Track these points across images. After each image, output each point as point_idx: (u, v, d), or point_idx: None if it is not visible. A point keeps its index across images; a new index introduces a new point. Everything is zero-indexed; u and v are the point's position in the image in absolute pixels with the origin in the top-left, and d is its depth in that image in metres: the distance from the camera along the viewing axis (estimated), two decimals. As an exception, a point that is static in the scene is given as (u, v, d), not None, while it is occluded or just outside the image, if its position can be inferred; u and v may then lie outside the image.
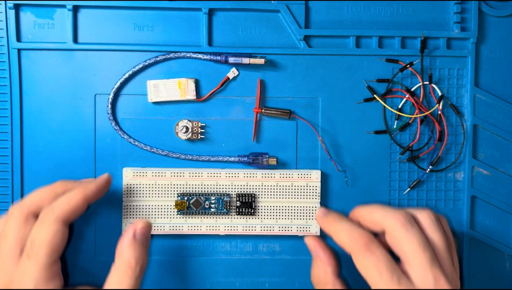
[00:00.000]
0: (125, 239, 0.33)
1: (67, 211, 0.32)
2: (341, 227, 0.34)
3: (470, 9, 0.39)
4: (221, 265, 0.39)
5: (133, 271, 0.32)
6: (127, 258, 0.32)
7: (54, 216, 0.32)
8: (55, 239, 0.31)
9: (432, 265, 0.31)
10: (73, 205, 0.33)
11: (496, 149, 0.40)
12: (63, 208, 0.32)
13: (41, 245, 0.31)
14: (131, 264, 0.32)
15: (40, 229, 0.32)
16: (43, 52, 0.37)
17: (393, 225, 0.32)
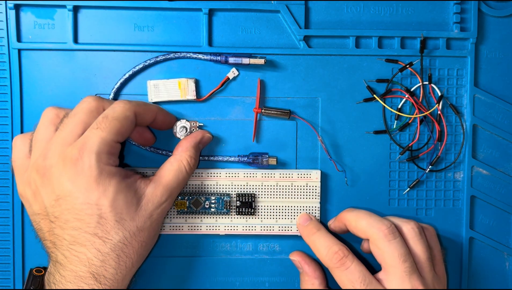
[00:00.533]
0: (192, 140, 0.36)
1: (137, 107, 0.34)
2: (319, 242, 0.35)
3: (470, 9, 0.39)
4: (221, 265, 0.39)
5: (189, 168, 0.35)
6: (187, 155, 0.35)
7: (128, 105, 0.33)
8: (126, 121, 0.32)
9: (411, 275, 0.33)
10: (142, 106, 0.34)
11: (496, 149, 0.40)
12: (135, 103, 0.34)
13: (114, 119, 0.32)
14: (189, 161, 0.35)
15: (116, 107, 0.33)
16: (44, 52, 0.37)
17: (377, 235, 0.34)
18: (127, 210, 0.31)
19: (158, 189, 0.33)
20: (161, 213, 0.33)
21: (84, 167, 0.30)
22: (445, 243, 0.40)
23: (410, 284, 0.32)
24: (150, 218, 0.33)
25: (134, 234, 0.32)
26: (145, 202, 0.32)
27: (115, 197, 0.31)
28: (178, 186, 0.34)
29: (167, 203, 0.34)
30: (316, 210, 0.38)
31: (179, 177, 0.34)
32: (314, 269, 0.37)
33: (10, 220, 0.38)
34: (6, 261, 0.38)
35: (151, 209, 0.33)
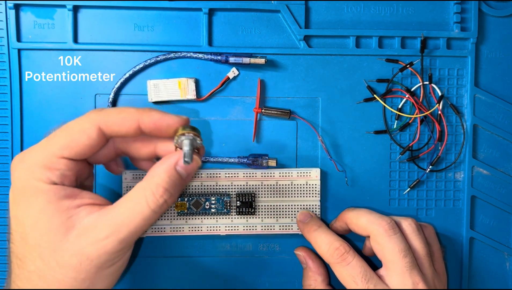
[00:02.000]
0: (169, 164, 0.27)
1: (105, 116, 0.27)
2: (320, 239, 0.35)
3: (470, 9, 0.39)
4: (221, 265, 0.39)
5: (156, 205, 0.26)
6: (156, 187, 0.26)
7: (91, 115, 0.28)
8: (79, 134, 0.27)
9: (411, 270, 0.33)
10: (112, 114, 0.27)
11: (496, 149, 0.40)
12: (104, 112, 0.28)
13: (64, 130, 0.27)
14: (156, 196, 0.26)
15: (79, 118, 0.28)
16: (43, 52, 0.37)
17: (377, 231, 0.34)
18: (49, 238, 0.25)
19: (100, 222, 0.26)
20: (103, 256, 0.26)
21: (14, 178, 0.27)
22: (446, 243, 0.40)
23: (410, 279, 0.33)
24: (80, 255, 0.25)
25: (52, 269, 0.25)
26: (76, 234, 0.26)
27: (37, 218, 0.26)
28: (135, 227, 0.26)
29: (113, 245, 0.26)
30: (316, 208, 0.38)
31: (137, 216, 0.26)
32: (318, 266, 0.37)
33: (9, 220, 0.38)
34: (5, 261, 0.38)
35: (83, 245, 0.25)
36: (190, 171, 0.28)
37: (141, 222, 0.26)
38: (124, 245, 0.26)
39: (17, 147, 0.37)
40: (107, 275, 0.27)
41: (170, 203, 0.27)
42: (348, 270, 0.33)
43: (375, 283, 0.33)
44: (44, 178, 0.26)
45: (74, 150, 0.27)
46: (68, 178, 0.27)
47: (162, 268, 0.39)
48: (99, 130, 0.27)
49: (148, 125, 0.28)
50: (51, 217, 0.25)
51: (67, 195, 0.26)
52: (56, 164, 0.26)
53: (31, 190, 0.26)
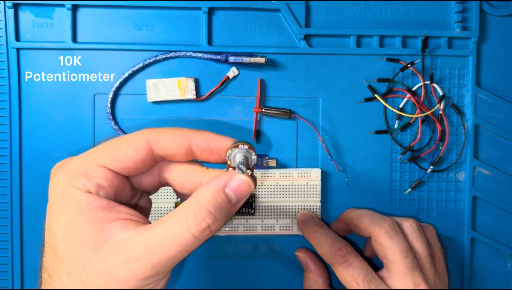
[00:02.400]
0: (216, 184, 0.24)
1: (157, 132, 0.25)
2: (321, 239, 0.35)
3: (471, 9, 0.39)
4: (221, 266, 0.39)
5: (198, 231, 0.23)
6: (200, 211, 0.23)
7: (144, 130, 0.25)
8: (126, 145, 0.25)
9: (413, 271, 0.33)
10: (164, 132, 0.25)
11: (498, 149, 0.39)
12: (157, 129, 0.25)
13: (112, 140, 0.25)
14: (199, 221, 0.23)
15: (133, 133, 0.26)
16: (42, 51, 0.37)
17: (378, 232, 0.34)
18: (79, 251, 0.23)
19: (133, 241, 0.23)
20: (132, 280, 0.22)
21: (51, 184, 0.25)
22: (447, 244, 0.39)
23: (412, 280, 0.33)
24: (108, 276, 0.22)
25: (77, 287, 0.23)
26: (106, 251, 0.22)
27: (68, 228, 0.23)
28: (171, 251, 0.22)
29: (144, 270, 0.22)
30: (317, 209, 0.38)
31: (174, 239, 0.22)
32: (319, 267, 0.37)
33: (9, 221, 0.37)
34: (5, 261, 0.38)
35: (112, 264, 0.22)
36: (241, 194, 0.24)
37: (178, 246, 0.22)
38: (157, 271, 0.23)
39: (15, 148, 0.37)
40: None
41: (214, 230, 0.23)
42: (350, 271, 0.33)
43: (377, 284, 0.33)
44: (80, 185, 0.24)
45: (117, 161, 0.24)
46: (105, 190, 0.24)
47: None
48: (148, 144, 0.25)
49: (200, 144, 0.25)
50: (82, 228, 0.23)
51: (102, 206, 0.24)
52: (94, 172, 0.24)
53: (65, 198, 0.24)
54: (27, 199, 0.37)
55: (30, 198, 0.37)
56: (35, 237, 0.38)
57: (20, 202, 0.37)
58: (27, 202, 0.37)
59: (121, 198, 0.26)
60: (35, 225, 0.38)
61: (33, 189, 0.37)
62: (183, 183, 0.26)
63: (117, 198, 0.25)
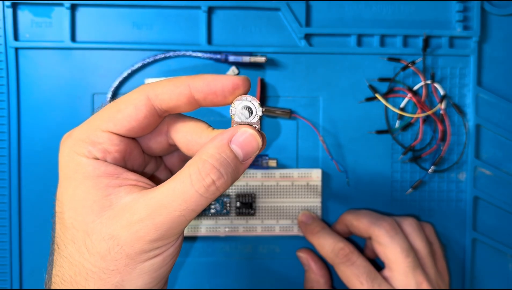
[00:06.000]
0: (221, 139, 0.23)
1: (154, 86, 0.24)
2: (323, 239, 0.35)
3: (473, 8, 0.38)
4: (221, 267, 0.39)
5: (206, 190, 0.22)
6: (208, 168, 0.22)
7: (141, 87, 0.24)
8: (126, 105, 0.23)
9: (414, 270, 0.33)
10: (161, 85, 0.24)
11: (499, 149, 0.39)
12: (154, 83, 0.24)
13: (113, 102, 0.24)
14: (205, 179, 0.21)
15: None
16: (41, 51, 0.37)
17: (379, 232, 0.34)
18: (83, 217, 0.22)
19: (137, 203, 0.22)
20: (136, 243, 0.21)
21: (59, 155, 0.24)
22: (448, 244, 0.39)
23: (414, 279, 0.33)
24: (111, 240, 0.22)
25: (82, 256, 0.22)
26: (110, 215, 0.22)
27: (73, 195, 0.23)
28: (175, 210, 0.21)
29: (148, 231, 0.21)
30: (317, 210, 0.38)
31: (178, 196, 0.21)
32: (321, 268, 0.37)
33: (7, 221, 0.37)
34: (3, 262, 0.37)
35: (115, 227, 0.22)
36: (248, 149, 0.23)
37: (182, 204, 0.21)
38: (162, 233, 0.21)
39: (14, 147, 0.37)
40: (142, 272, 0.22)
41: (221, 187, 0.22)
42: (353, 270, 0.33)
43: (380, 283, 0.33)
44: (86, 152, 0.23)
45: (120, 123, 0.23)
46: (112, 155, 0.23)
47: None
48: (147, 100, 0.23)
49: (200, 89, 0.23)
50: (87, 194, 0.22)
51: (108, 172, 0.23)
52: (99, 138, 0.23)
53: (71, 166, 0.23)
54: (26, 198, 0.37)
55: (29, 198, 0.37)
56: (34, 237, 0.37)
57: (18, 201, 0.37)
58: (25, 201, 0.37)
59: (132, 163, 0.25)
60: (34, 224, 0.37)
61: (32, 189, 0.37)
62: (188, 144, 0.25)
63: (128, 163, 0.25)
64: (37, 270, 0.38)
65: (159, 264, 0.22)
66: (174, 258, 0.23)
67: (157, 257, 0.22)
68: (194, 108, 0.24)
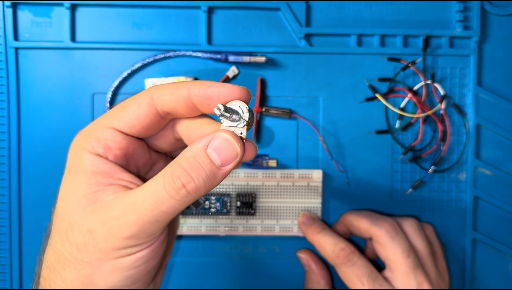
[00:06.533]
0: (197, 143, 0.22)
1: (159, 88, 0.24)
2: (324, 240, 0.35)
3: (473, 8, 0.38)
4: (221, 267, 0.39)
5: (177, 192, 0.21)
6: (179, 165, 0.22)
7: (148, 89, 0.25)
8: (132, 104, 0.24)
9: (415, 270, 0.33)
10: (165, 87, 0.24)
11: (499, 149, 0.39)
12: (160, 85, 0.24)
13: (121, 102, 0.25)
14: (177, 175, 0.22)
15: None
16: (41, 51, 0.37)
17: (379, 232, 0.34)
18: (70, 209, 0.23)
19: (116, 200, 0.22)
20: (110, 239, 0.22)
21: (69, 148, 0.25)
22: (448, 245, 0.39)
23: (415, 279, 0.33)
24: (88, 234, 0.22)
25: (63, 245, 0.23)
26: (92, 209, 0.22)
27: (67, 187, 0.23)
28: (147, 210, 0.22)
29: (121, 228, 0.22)
30: (318, 210, 0.38)
31: (149, 196, 0.22)
32: (321, 268, 0.37)
33: (7, 221, 0.37)
34: (3, 262, 0.37)
35: (93, 222, 0.22)
36: (225, 155, 0.22)
37: (153, 205, 0.21)
38: (134, 232, 0.22)
39: (14, 147, 0.37)
40: (112, 269, 0.22)
41: (192, 192, 0.22)
42: (354, 270, 0.33)
43: (381, 283, 0.33)
44: (89, 147, 0.24)
45: (123, 120, 0.24)
46: (113, 152, 0.24)
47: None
48: (150, 100, 0.24)
49: (198, 93, 0.23)
50: (78, 187, 0.23)
51: (104, 170, 0.23)
52: (103, 134, 0.24)
53: (73, 160, 0.24)
54: (26, 199, 0.37)
55: (29, 198, 0.37)
56: (34, 237, 0.37)
57: (18, 202, 0.37)
58: (25, 202, 0.37)
59: (136, 162, 0.25)
60: (34, 225, 0.37)
61: (32, 189, 0.37)
62: (189, 135, 0.25)
63: (131, 161, 0.25)
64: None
65: (130, 264, 0.23)
66: (150, 261, 0.23)
67: (129, 256, 0.23)
68: (194, 113, 0.24)
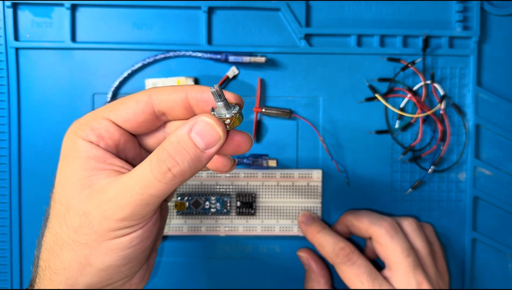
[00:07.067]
0: (181, 128, 0.23)
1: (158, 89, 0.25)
2: (324, 239, 0.35)
3: (472, 8, 0.38)
4: (221, 266, 0.39)
5: (159, 172, 0.23)
6: (164, 149, 0.23)
7: (148, 89, 0.26)
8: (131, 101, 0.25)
9: (415, 270, 0.33)
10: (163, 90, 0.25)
11: (499, 149, 0.39)
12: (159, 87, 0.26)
13: (122, 97, 0.26)
14: (162, 160, 0.23)
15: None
16: (41, 51, 0.37)
17: (379, 231, 0.34)
18: (67, 193, 0.24)
19: (110, 185, 0.24)
20: (104, 222, 0.23)
21: (64, 135, 0.26)
22: (448, 244, 0.39)
23: (414, 279, 0.33)
24: (83, 216, 0.24)
25: (61, 228, 0.24)
26: (87, 193, 0.24)
27: (63, 172, 0.25)
28: (137, 194, 0.23)
29: (114, 211, 0.23)
30: (318, 210, 0.38)
31: (138, 181, 0.23)
32: (321, 267, 0.37)
33: (8, 221, 0.37)
34: (4, 262, 0.37)
35: (88, 205, 0.24)
36: (209, 139, 0.23)
37: (142, 188, 0.23)
38: (127, 214, 0.23)
39: (14, 148, 0.37)
40: (109, 249, 0.24)
41: (178, 175, 0.23)
42: (354, 269, 0.33)
43: (380, 283, 0.33)
44: (84, 134, 0.25)
45: (119, 113, 0.25)
46: (105, 141, 0.25)
47: (160, 268, 0.38)
48: (149, 98, 0.25)
49: (195, 96, 0.25)
50: (74, 171, 0.24)
51: (97, 155, 0.25)
52: (98, 124, 0.25)
53: (68, 146, 0.25)
54: (26, 199, 0.37)
55: (29, 198, 0.37)
56: (34, 237, 0.37)
57: (19, 202, 0.37)
58: (26, 202, 0.37)
59: (125, 155, 0.26)
60: (34, 224, 0.37)
61: (32, 189, 0.37)
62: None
63: (121, 153, 0.26)
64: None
65: (125, 244, 0.24)
66: (144, 241, 0.25)
67: (124, 237, 0.24)
68: (189, 115, 0.26)
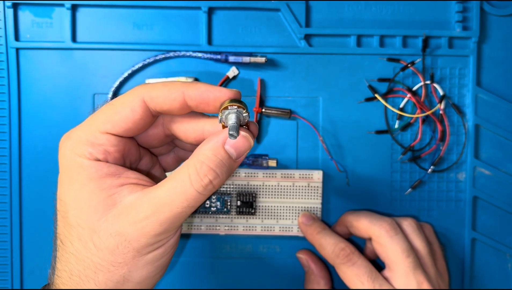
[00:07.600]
0: (215, 141, 0.24)
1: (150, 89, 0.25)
2: (324, 240, 0.35)
3: (472, 8, 0.38)
4: (221, 266, 0.39)
5: (200, 186, 0.23)
6: (202, 167, 0.23)
7: (137, 88, 0.25)
8: (123, 107, 0.25)
9: (415, 270, 0.33)
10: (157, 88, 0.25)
11: (498, 149, 0.39)
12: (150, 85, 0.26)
13: (110, 103, 0.26)
14: (201, 176, 0.23)
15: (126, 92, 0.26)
16: (42, 51, 0.37)
17: (379, 232, 0.34)
18: (88, 217, 0.24)
19: (140, 201, 0.24)
20: (142, 238, 0.24)
21: (60, 156, 0.25)
22: (447, 244, 0.39)
23: (414, 279, 0.33)
24: (118, 236, 0.24)
25: (89, 251, 0.24)
26: (115, 213, 0.24)
27: (78, 195, 0.24)
28: (177, 208, 0.24)
29: (153, 227, 0.23)
30: (318, 210, 0.38)
31: (179, 195, 0.23)
32: (321, 269, 0.37)
33: (8, 221, 0.37)
34: (4, 262, 0.38)
35: (122, 225, 0.24)
36: (241, 149, 0.25)
37: (183, 202, 0.23)
38: (166, 228, 0.24)
39: (15, 148, 0.37)
40: (146, 263, 0.24)
41: (217, 185, 0.24)
42: (354, 270, 0.33)
43: (381, 283, 0.33)
44: (87, 153, 0.24)
45: (117, 124, 0.25)
46: (112, 155, 0.25)
47: (161, 269, 0.38)
48: (143, 102, 0.25)
49: (194, 97, 0.25)
50: (91, 194, 0.24)
51: (110, 172, 0.24)
52: (99, 140, 0.25)
53: (73, 167, 0.24)
54: (27, 199, 0.37)
55: (30, 198, 0.37)
56: (35, 236, 0.38)
57: (19, 202, 0.37)
58: (26, 202, 0.37)
59: (130, 160, 0.27)
60: (35, 224, 0.37)
61: (33, 189, 0.37)
62: (186, 131, 0.27)
63: (126, 160, 0.26)
64: (37, 270, 0.38)
65: (161, 254, 0.25)
66: (174, 247, 0.26)
67: (159, 249, 0.25)
68: (186, 112, 0.26)
